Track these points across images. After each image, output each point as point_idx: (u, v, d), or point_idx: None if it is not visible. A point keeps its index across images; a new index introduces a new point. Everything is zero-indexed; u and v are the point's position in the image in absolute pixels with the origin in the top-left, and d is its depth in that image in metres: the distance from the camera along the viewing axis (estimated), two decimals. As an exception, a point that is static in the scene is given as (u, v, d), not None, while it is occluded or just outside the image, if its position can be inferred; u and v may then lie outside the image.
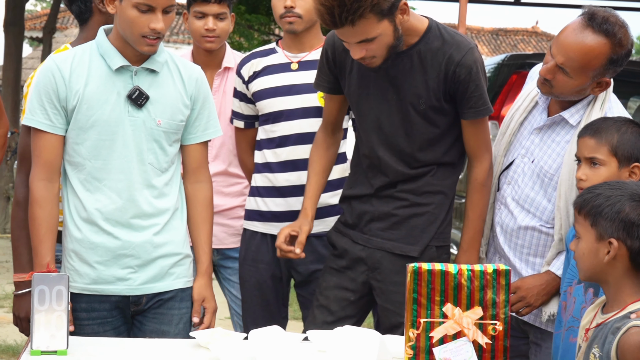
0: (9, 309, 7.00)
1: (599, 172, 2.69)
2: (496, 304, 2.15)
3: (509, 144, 3.10)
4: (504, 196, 3.06)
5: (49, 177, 2.89)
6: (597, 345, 2.22)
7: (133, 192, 2.88)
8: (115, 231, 2.87)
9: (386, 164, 3.03)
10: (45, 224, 2.88)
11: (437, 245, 3.05)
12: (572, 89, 2.89)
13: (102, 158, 2.87)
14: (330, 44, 3.09)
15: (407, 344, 2.12)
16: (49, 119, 2.86)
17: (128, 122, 2.86)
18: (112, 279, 2.89)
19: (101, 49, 2.89)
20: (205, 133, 3.03)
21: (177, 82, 2.94)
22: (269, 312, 3.47)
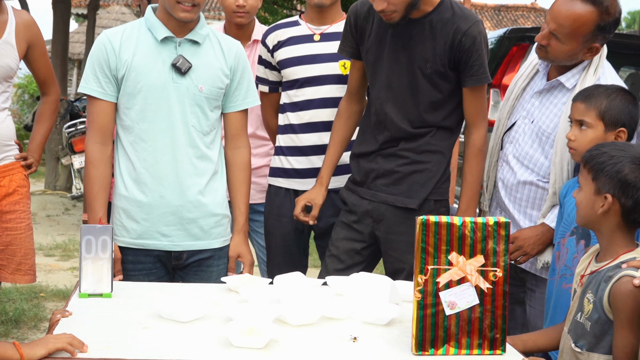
0: (59, 258, 7.08)
1: (586, 133, 2.67)
2: (497, 252, 2.14)
3: (512, 107, 3.11)
4: (506, 154, 3.06)
5: (102, 141, 2.91)
6: (591, 290, 2.23)
7: (177, 152, 2.88)
8: (160, 189, 2.88)
9: (391, 121, 3.05)
10: (98, 183, 2.90)
11: (435, 199, 3.08)
12: (565, 54, 2.88)
13: (148, 121, 2.87)
14: (354, 12, 3.13)
15: (416, 288, 2.13)
16: (102, 87, 2.88)
17: (172, 88, 2.86)
18: (156, 235, 2.91)
19: (148, 23, 2.90)
20: (244, 102, 3.03)
21: (217, 54, 2.94)
22: (292, 261, 3.49)
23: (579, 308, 2.28)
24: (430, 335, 2.13)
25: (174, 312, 2.30)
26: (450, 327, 2.14)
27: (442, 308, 2.13)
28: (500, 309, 2.15)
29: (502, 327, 2.16)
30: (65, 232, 8.21)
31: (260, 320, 2.22)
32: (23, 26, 3.38)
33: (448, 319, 2.14)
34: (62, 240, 7.75)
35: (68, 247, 7.43)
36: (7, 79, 3.36)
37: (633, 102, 2.71)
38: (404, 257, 3.02)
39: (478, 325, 2.15)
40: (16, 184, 3.40)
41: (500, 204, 3.10)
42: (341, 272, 3.00)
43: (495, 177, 3.13)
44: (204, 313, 2.35)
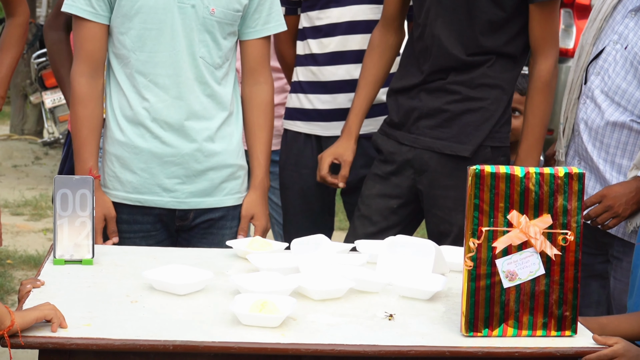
0: (29, 217, 7.17)
1: None
2: (568, 211, 2.13)
3: (599, 30, 3.07)
4: (591, 89, 3.04)
5: (91, 73, 2.92)
6: None
7: (183, 88, 2.89)
8: (163, 135, 2.90)
9: (440, 45, 3.04)
10: (87, 124, 2.91)
11: (493, 146, 3.08)
12: None
13: (147, 50, 2.87)
14: None
15: (466, 254, 2.13)
16: (91, 6, 2.87)
17: (177, 9, 2.85)
18: (156, 189, 2.93)
19: None
20: (266, 27, 3.03)
21: None
22: (313, 222, 3.51)
23: None
24: (484, 312, 2.14)
25: (169, 283, 2.32)
26: (508, 302, 2.14)
27: (499, 279, 2.14)
28: (571, 281, 2.15)
29: (573, 304, 2.16)
30: (36, 186, 8.29)
31: (274, 293, 2.24)
32: None
33: (506, 292, 2.14)
34: (32, 195, 7.83)
35: (39, 204, 7.51)
36: (-36, -3, 3.37)
37: None
38: (452, 216, 3.03)
39: (543, 301, 2.15)
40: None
41: (581, 152, 3.09)
42: (374, 235, 3.02)
43: (576, 119, 3.11)
44: (206, 284, 2.37)
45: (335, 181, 3.25)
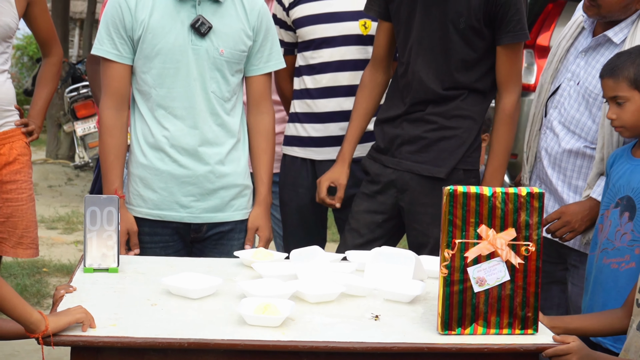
0: (62, 231, 7.14)
1: (626, 108, 2.65)
2: (529, 225, 2.14)
3: (555, 70, 3.08)
4: (550, 121, 3.05)
5: (117, 106, 2.92)
6: None
7: (197, 119, 2.89)
8: (180, 159, 2.90)
9: (420, 81, 3.04)
10: (114, 151, 2.92)
11: (465, 169, 3.07)
12: (620, 4, 2.84)
13: (166, 86, 2.88)
14: None
15: (442, 263, 2.13)
16: (117, 49, 2.88)
17: (191, 50, 2.86)
18: (174, 206, 2.93)
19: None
20: (268, 65, 3.03)
21: (240, 13, 2.93)
22: (309, 234, 3.50)
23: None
24: (458, 313, 2.14)
25: (184, 288, 2.32)
26: (478, 305, 2.14)
27: (470, 285, 2.13)
28: (533, 285, 2.15)
29: (535, 306, 2.16)
30: (68, 204, 8.27)
31: (275, 296, 2.24)
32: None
33: (476, 296, 2.14)
34: (65, 212, 7.81)
35: (71, 220, 7.49)
36: (6, 39, 3.36)
37: None
38: (430, 230, 3.02)
39: (508, 303, 2.15)
40: (17, 152, 3.41)
41: (542, 176, 3.09)
42: (362, 246, 3.01)
43: (538, 147, 3.11)
44: (215, 289, 2.36)
45: (333, 202, 3.23)
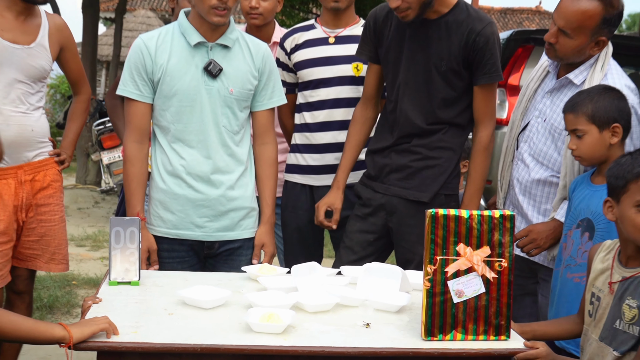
0: (90, 248, 7.12)
1: (584, 140, 2.66)
2: (502, 244, 2.14)
3: (525, 109, 3.10)
4: (522, 153, 3.06)
5: (139, 139, 2.93)
6: (630, 297, 2.15)
7: (210, 149, 2.90)
8: (195, 184, 2.91)
9: (406, 117, 3.04)
10: (136, 180, 2.92)
11: (446, 194, 3.07)
12: (573, 49, 2.87)
13: (183, 122, 2.89)
14: (372, 17, 3.14)
15: (425, 277, 2.13)
16: (139, 90, 2.90)
17: (205, 90, 2.88)
18: (190, 226, 2.93)
19: (182, 28, 2.90)
20: (271, 101, 3.04)
21: (246, 57, 2.95)
22: (307, 251, 3.49)
23: (615, 315, 2.18)
24: (439, 321, 2.13)
25: (197, 299, 2.32)
26: (457, 314, 2.14)
27: (450, 296, 2.13)
28: (505, 297, 2.15)
29: (507, 315, 2.16)
30: (95, 224, 8.25)
31: (278, 307, 2.23)
32: (55, 29, 3.39)
33: (456, 306, 2.14)
34: (92, 231, 7.79)
35: (98, 238, 7.47)
36: (41, 80, 3.38)
37: (618, 96, 2.67)
38: (415, 248, 3.01)
39: (484, 313, 2.15)
40: (50, 178, 3.42)
41: (514, 202, 3.08)
42: (355, 262, 3.00)
43: (510, 177, 3.11)
44: (225, 300, 2.36)
45: (330, 224, 3.23)
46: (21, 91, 3.28)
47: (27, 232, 3.38)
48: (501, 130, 5.38)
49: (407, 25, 2.99)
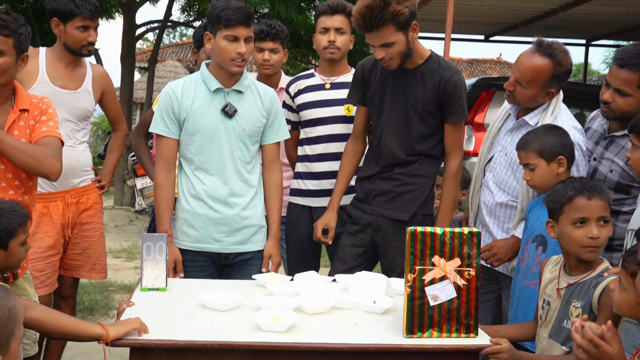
0: (125, 259, 7.10)
1: (536, 172, 2.66)
2: (470, 256, 2.13)
3: (490, 144, 3.10)
4: (487, 181, 3.05)
5: (167, 168, 2.94)
6: (576, 299, 2.16)
7: (227, 177, 2.90)
8: (215, 205, 2.91)
9: (389, 150, 3.05)
10: (165, 202, 2.92)
11: (422, 214, 3.06)
12: (527, 97, 2.88)
13: (205, 154, 2.90)
14: (361, 67, 3.15)
15: (406, 284, 2.12)
16: (167, 127, 2.91)
17: (222, 128, 2.89)
18: (210, 240, 2.93)
19: (203, 76, 2.92)
20: (277, 136, 3.04)
21: (257, 100, 2.97)
22: (307, 262, 3.48)
23: (563, 315, 2.19)
24: (418, 321, 2.12)
25: (215, 303, 2.31)
26: (433, 315, 2.13)
27: (427, 300, 2.12)
28: (474, 301, 2.14)
29: (475, 316, 2.14)
30: (129, 239, 8.23)
31: (283, 309, 2.22)
32: (98, 77, 3.41)
33: (432, 309, 2.12)
34: (127, 245, 7.77)
35: (132, 251, 7.45)
36: (86, 119, 3.39)
37: (561, 133, 2.67)
38: (397, 259, 3.00)
39: (455, 314, 2.13)
40: (92, 201, 3.42)
41: (482, 221, 3.07)
42: (347, 271, 2.99)
43: (479, 201, 3.10)
44: (238, 303, 2.35)
45: (326, 240, 3.22)
46: (69, 128, 3.29)
47: (72, 246, 3.37)
48: (469, 160, 5.40)
49: (389, 73, 3.00)
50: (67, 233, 3.33)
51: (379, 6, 2.76)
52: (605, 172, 2.91)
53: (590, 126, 3.06)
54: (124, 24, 10.87)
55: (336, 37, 3.36)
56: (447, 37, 5.79)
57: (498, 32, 8.82)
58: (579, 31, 8.63)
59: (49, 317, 1.98)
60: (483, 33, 9.27)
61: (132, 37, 11.03)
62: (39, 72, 3.21)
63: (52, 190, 3.27)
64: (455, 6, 6.15)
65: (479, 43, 9.99)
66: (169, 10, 10.98)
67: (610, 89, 2.76)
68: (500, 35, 9.05)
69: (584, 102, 5.74)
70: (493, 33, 9.04)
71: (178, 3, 11.39)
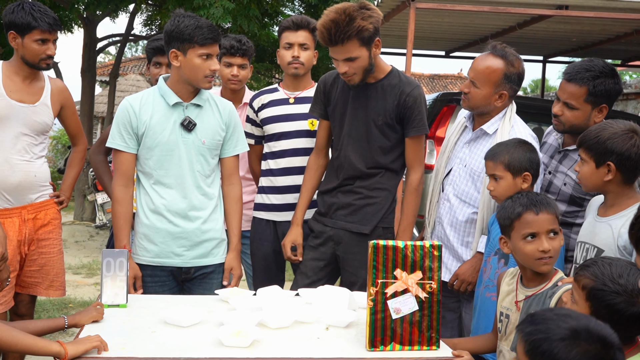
0: (85, 275, 6.97)
1: (500, 183, 2.69)
2: (432, 269, 2.15)
3: (448, 158, 3.13)
4: (447, 194, 3.07)
5: (125, 183, 2.90)
6: (534, 309, 2.18)
7: (187, 191, 2.89)
8: (174, 220, 2.89)
9: (350, 162, 3.06)
10: (122, 217, 2.89)
11: (383, 227, 3.08)
12: (481, 98, 2.94)
13: (164, 168, 2.88)
14: (323, 81, 3.17)
15: (368, 297, 2.12)
16: (125, 142, 2.88)
17: (182, 142, 2.88)
18: (170, 255, 2.90)
19: (161, 90, 2.91)
20: (236, 149, 3.04)
21: (215, 113, 2.96)
22: (271, 276, 3.46)
23: None
24: (381, 334, 2.12)
25: (176, 319, 2.28)
26: (396, 328, 2.13)
27: (390, 313, 2.13)
28: (435, 313, 2.15)
29: (437, 328, 2.16)
30: (90, 255, 8.09)
31: (245, 324, 2.20)
32: (57, 91, 3.36)
33: (394, 322, 2.13)
34: (87, 261, 7.63)
35: (92, 267, 7.32)
36: (44, 133, 3.34)
37: (530, 149, 2.73)
38: (358, 272, 3.01)
39: (417, 327, 2.14)
40: (50, 216, 3.36)
41: (441, 235, 3.07)
42: (309, 285, 2.98)
43: (437, 215, 3.11)
44: (200, 319, 2.32)
45: (296, 258, 3.19)
46: (26, 142, 3.24)
47: (29, 263, 3.30)
48: (430, 174, 5.45)
49: (350, 87, 3.02)
50: (24, 250, 3.26)
51: (344, 21, 2.79)
52: (559, 185, 2.97)
53: (546, 141, 3.13)
54: (84, 37, 10.73)
55: (300, 52, 3.37)
56: (408, 52, 5.87)
57: (458, 48, 8.96)
58: (536, 48, 8.82)
59: (4, 334, 1.93)
60: (444, 49, 9.40)
61: (93, 51, 10.89)
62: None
63: (8, 206, 3.20)
64: (416, 23, 6.23)
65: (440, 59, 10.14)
66: (131, 24, 10.89)
67: (560, 102, 2.87)
68: (461, 51, 9.19)
69: (541, 117, 5.86)
70: (453, 49, 9.18)
71: (140, 17, 11.29)
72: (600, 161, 2.40)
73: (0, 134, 3.16)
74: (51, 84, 3.35)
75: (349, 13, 2.81)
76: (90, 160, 3.55)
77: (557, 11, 6.05)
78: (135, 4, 9.76)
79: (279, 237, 3.37)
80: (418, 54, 9.53)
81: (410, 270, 2.13)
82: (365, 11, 2.84)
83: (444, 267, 3.02)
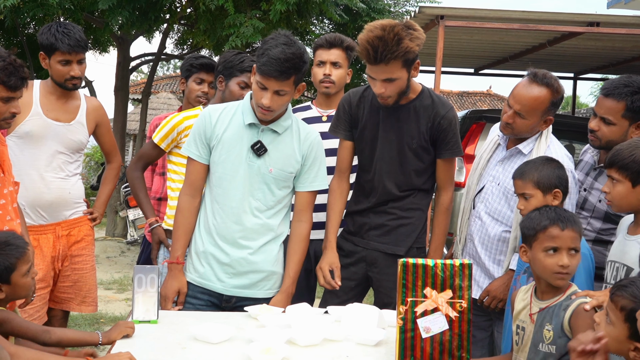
0: (117, 290, 7.03)
1: (531, 202, 2.65)
2: (462, 288, 2.13)
3: (480, 175, 3.10)
4: (479, 211, 3.03)
5: (192, 193, 2.80)
6: (548, 322, 2.19)
7: (240, 217, 2.74)
8: (222, 245, 2.76)
9: (383, 186, 3.01)
10: (182, 228, 2.79)
11: (417, 247, 3.03)
12: (528, 128, 2.90)
13: (222, 187, 2.76)
14: (347, 101, 3.08)
15: (398, 316, 2.11)
16: (198, 151, 2.78)
17: (246, 164, 2.73)
18: (214, 279, 2.78)
19: (243, 107, 2.79)
20: (312, 185, 2.85)
21: (294, 142, 2.79)
22: (301, 294, 3.41)
23: (538, 339, 2.21)
24: (410, 353, 2.11)
25: (206, 335, 2.28)
26: (425, 347, 2.11)
27: (419, 332, 2.11)
28: (466, 332, 2.13)
29: (467, 348, 2.13)
30: (121, 270, 8.17)
31: (275, 341, 2.20)
32: (92, 109, 3.42)
33: (424, 340, 2.11)
34: (118, 276, 7.71)
35: (123, 282, 7.39)
36: (79, 151, 3.39)
37: (558, 166, 2.69)
38: (392, 292, 2.94)
39: (448, 346, 2.12)
40: (83, 233, 3.40)
41: (472, 254, 3.04)
42: (339, 304, 2.92)
43: (468, 232, 3.07)
44: (230, 335, 2.33)
45: (335, 283, 2.96)
46: (62, 160, 3.29)
47: (62, 279, 3.35)
48: (460, 191, 5.42)
49: (380, 108, 2.96)
50: (57, 266, 3.30)
51: (392, 40, 2.68)
52: (594, 202, 2.92)
53: (582, 158, 3.09)
54: (118, 56, 10.94)
55: (332, 70, 3.38)
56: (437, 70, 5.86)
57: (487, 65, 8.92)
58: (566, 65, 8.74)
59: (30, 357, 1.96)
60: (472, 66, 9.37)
61: (126, 70, 11.09)
62: (32, 104, 3.22)
63: (43, 223, 3.26)
64: (445, 40, 6.23)
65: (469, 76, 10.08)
66: (163, 43, 11.07)
67: (597, 117, 2.84)
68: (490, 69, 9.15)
69: (573, 134, 5.79)
70: (482, 66, 9.14)
71: (172, 38, 11.48)
72: (638, 180, 2.36)
73: (36, 152, 3.22)
74: (87, 102, 3.41)
75: (397, 32, 2.68)
76: (127, 176, 3.57)
77: (588, 28, 6.00)
78: (167, 24, 9.91)
79: (310, 256, 3.35)
80: (447, 71, 9.51)
81: (440, 289, 2.12)
82: (413, 32, 2.73)
83: (474, 283, 2.98)
